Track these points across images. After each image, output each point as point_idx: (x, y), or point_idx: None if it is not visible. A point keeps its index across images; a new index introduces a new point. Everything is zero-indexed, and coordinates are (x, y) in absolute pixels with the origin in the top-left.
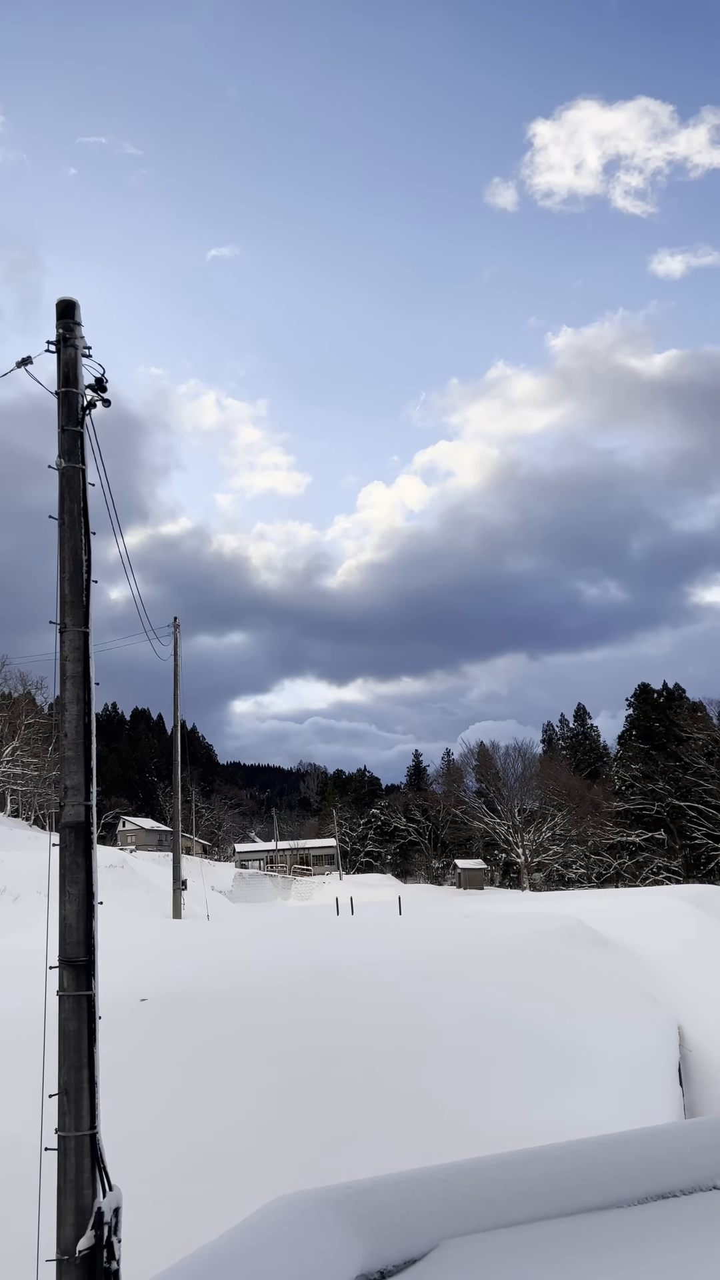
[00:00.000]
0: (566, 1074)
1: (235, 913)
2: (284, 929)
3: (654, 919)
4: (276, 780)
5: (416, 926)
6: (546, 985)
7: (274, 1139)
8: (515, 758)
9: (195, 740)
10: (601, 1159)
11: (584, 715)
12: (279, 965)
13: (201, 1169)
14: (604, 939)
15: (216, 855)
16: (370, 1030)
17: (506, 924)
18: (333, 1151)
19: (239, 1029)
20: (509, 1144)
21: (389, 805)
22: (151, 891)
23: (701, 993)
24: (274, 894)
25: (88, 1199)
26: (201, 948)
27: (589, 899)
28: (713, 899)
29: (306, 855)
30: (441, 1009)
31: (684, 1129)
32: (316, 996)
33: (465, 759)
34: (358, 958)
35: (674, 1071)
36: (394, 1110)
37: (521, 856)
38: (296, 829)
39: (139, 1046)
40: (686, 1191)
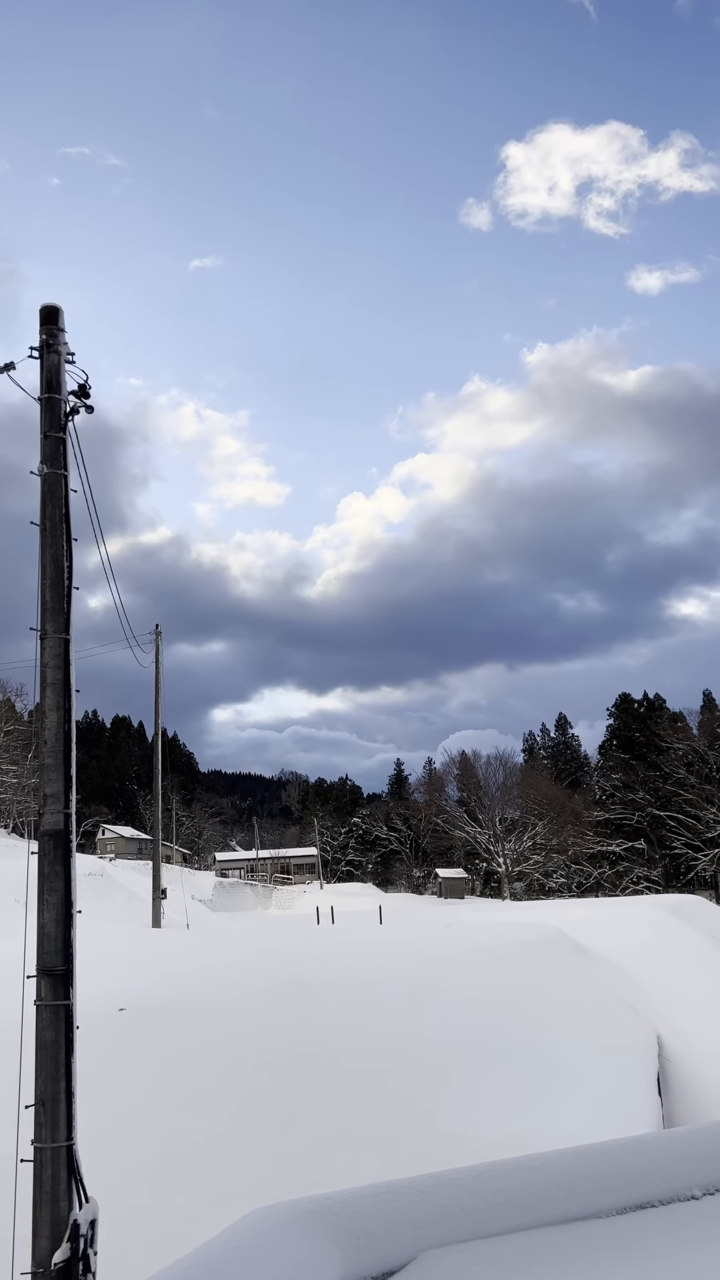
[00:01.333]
0: (546, 1083)
1: (215, 922)
2: (264, 938)
3: (634, 929)
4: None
5: (397, 936)
6: (527, 995)
7: (253, 1150)
8: (496, 767)
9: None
10: (581, 1169)
11: (565, 725)
12: (259, 975)
13: (180, 1180)
14: (584, 949)
15: (197, 864)
16: (350, 1040)
17: (487, 933)
18: (312, 1162)
19: (218, 1039)
20: (489, 1154)
21: (370, 814)
22: (131, 900)
23: (680, 1002)
24: (254, 903)
25: (64, 1211)
26: (181, 957)
27: (569, 908)
28: (692, 909)
29: (287, 864)
30: (422, 1019)
31: (663, 1139)
32: (296, 1006)
33: (447, 768)
34: (338, 967)
35: (653, 1081)
36: (374, 1120)
37: (502, 866)
38: (277, 837)
39: (117, 1057)
40: (665, 1202)
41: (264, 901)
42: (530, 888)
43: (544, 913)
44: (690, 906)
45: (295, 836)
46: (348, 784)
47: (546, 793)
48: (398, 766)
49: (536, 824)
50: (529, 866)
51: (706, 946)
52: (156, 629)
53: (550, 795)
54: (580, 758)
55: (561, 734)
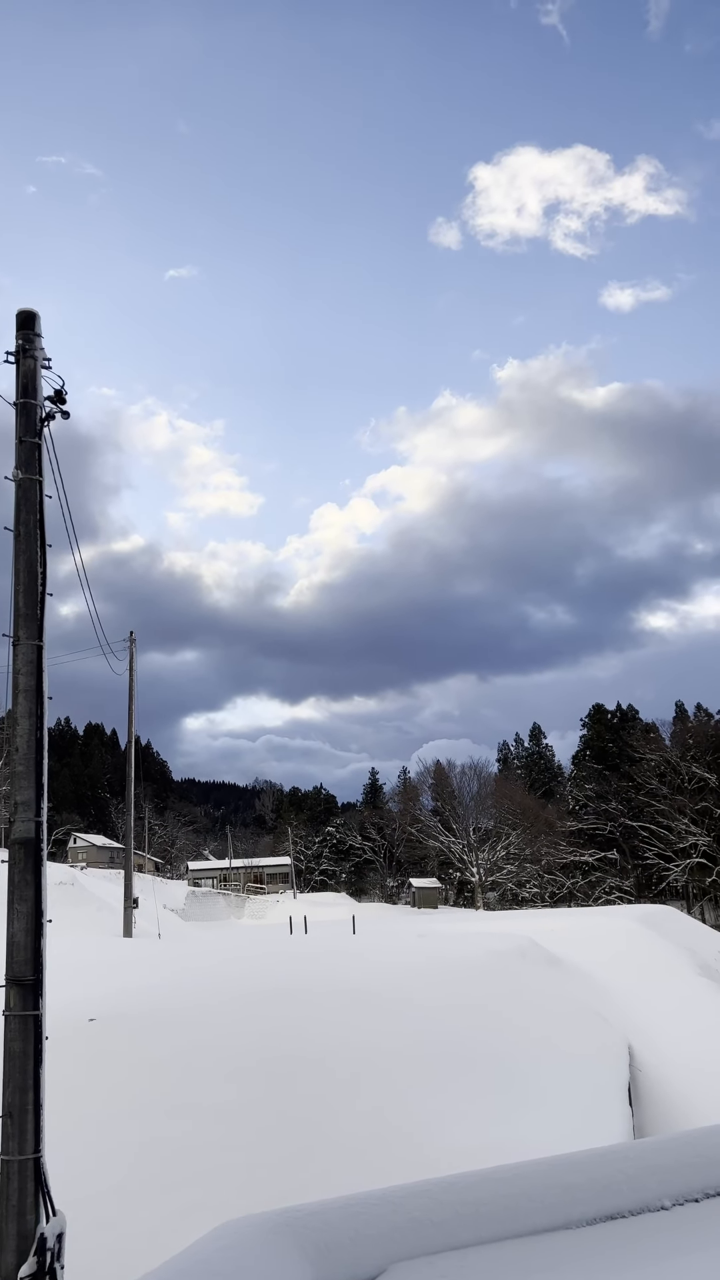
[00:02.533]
0: (518, 1094)
1: (187, 931)
2: (236, 948)
3: (606, 939)
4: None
5: (370, 946)
6: (499, 1005)
7: (223, 1161)
8: (471, 776)
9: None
10: (551, 1180)
11: (539, 735)
12: (230, 985)
13: (149, 1193)
14: (556, 959)
15: (169, 873)
16: (322, 1051)
17: (460, 944)
18: (283, 1174)
19: (189, 1049)
20: (461, 1165)
21: (345, 823)
22: (102, 909)
23: (651, 1012)
24: (227, 912)
25: (30, 1224)
26: (152, 966)
27: (542, 918)
28: (663, 919)
29: (261, 873)
30: (394, 1029)
31: (633, 1149)
32: (268, 1017)
33: (421, 777)
34: (310, 977)
35: (624, 1091)
36: (345, 1132)
37: (476, 875)
38: (251, 847)
39: (86, 1067)
40: (635, 1212)
41: (237, 911)
42: (503, 898)
43: (517, 923)
44: (662, 917)
45: (269, 846)
46: (322, 793)
47: (520, 802)
48: (372, 776)
49: (510, 834)
50: (502, 876)
51: (678, 957)
52: (131, 636)
53: (524, 805)
54: (554, 768)
55: (535, 744)
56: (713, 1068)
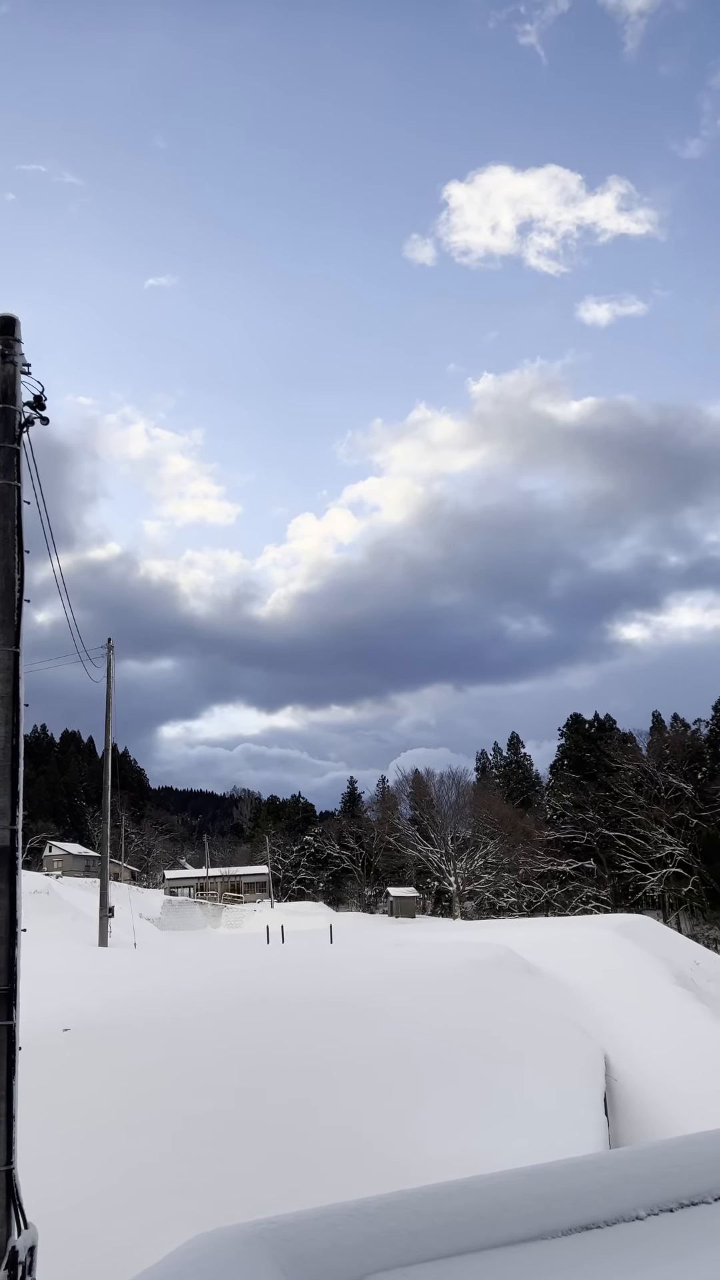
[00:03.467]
0: (495, 1104)
1: (163, 941)
2: (213, 957)
3: (583, 948)
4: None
5: (347, 955)
6: (476, 1015)
7: (197, 1173)
8: (449, 785)
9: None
10: (527, 1190)
11: (517, 744)
12: (206, 995)
13: (121, 1205)
14: (534, 968)
15: (145, 882)
16: (298, 1061)
17: (437, 953)
18: (258, 1185)
19: (164, 1060)
20: (437, 1175)
21: (323, 832)
22: (77, 918)
23: (627, 1022)
24: (204, 921)
25: (1, 1237)
26: (127, 976)
27: (519, 928)
28: (640, 929)
29: (238, 882)
30: (371, 1039)
31: (609, 1159)
32: (244, 1027)
33: (400, 786)
34: (287, 987)
35: (600, 1101)
36: (320, 1142)
37: (454, 885)
38: (229, 855)
39: (60, 1078)
40: (610, 1222)
41: (213, 920)
42: (481, 907)
43: (495, 932)
44: (638, 926)
45: (246, 854)
46: (300, 802)
47: (498, 812)
48: (351, 784)
49: (488, 843)
50: (480, 885)
51: (654, 966)
52: (109, 643)
53: (502, 814)
54: (532, 777)
55: (514, 753)
56: (688, 1077)
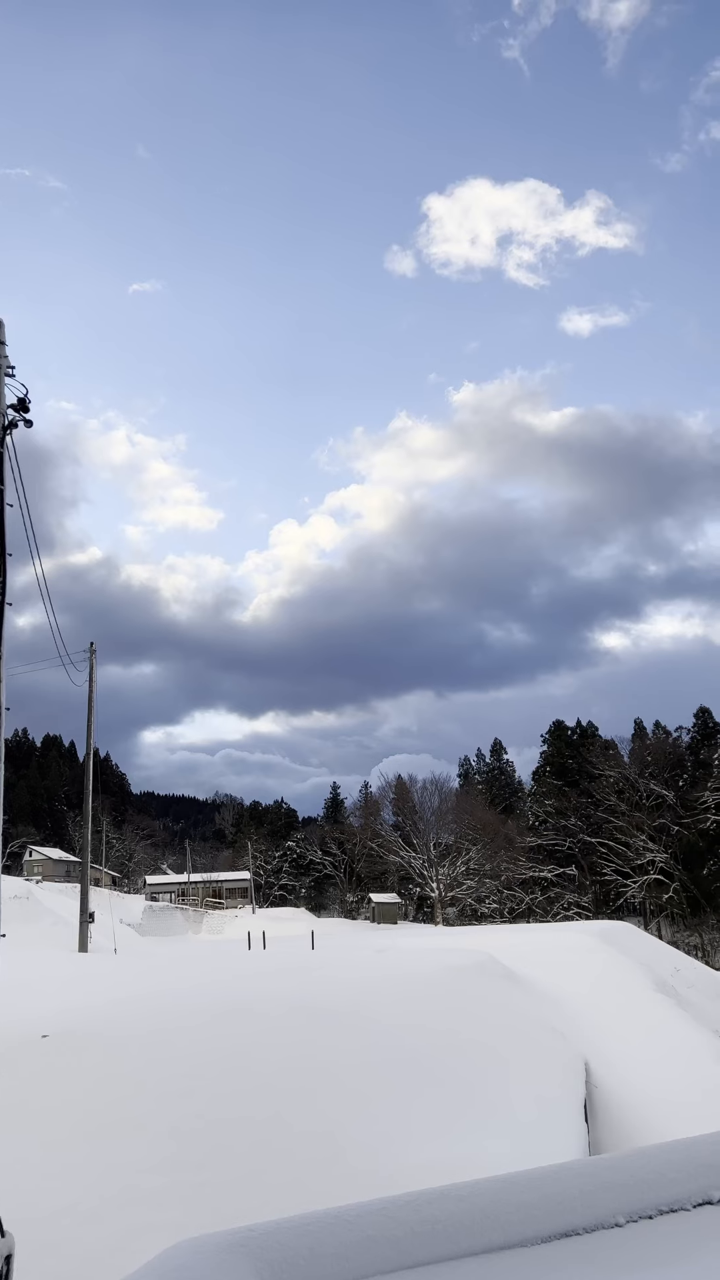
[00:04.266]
0: (475, 1110)
1: (144, 946)
2: (193, 963)
3: (564, 955)
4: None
5: (329, 961)
6: (457, 1021)
7: (175, 1181)
8: (432, 791)
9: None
10: (507, 1197)
11: (500, 750)
12: (186, 1001)
13: (98, 1213)
14: (515, 975)
15: (126, 887)
16: (277, 1068)
17: (419, 959)
18: (236, 1193)
19: (142, 1066)
20: (416, 1183)
21: (305, 838)
22: (57, 924)
23: (608, 1029)
24: (185, 927)
25: None
26: (107, 982)
27: (501, 934)
28: (621, 935)
29: (219, 888)
30: (351, 1046)
31: (588, 1166)
32: (223, 1033)
33: (383, 792)
34: (267, 993)
35: (580, 1108)
36: (299, 1149)
37: (436, 891)
38: (210, 861)
39: (37, 1085)
40: (590, 1229)
41: (194, 926)
42: (463, 913)
43: (476, 938)
44: (619, 933)
45: (228, 860)
46: (283, 807)
47: (481, 818)
48: (334, 790)
49: (470, 849)
50: (462, 892)
51: (635, 973)
52: (91, 647)
53: (484, 820)
54: (514, 783)
55: (496, 759)
56: (668, 1085)
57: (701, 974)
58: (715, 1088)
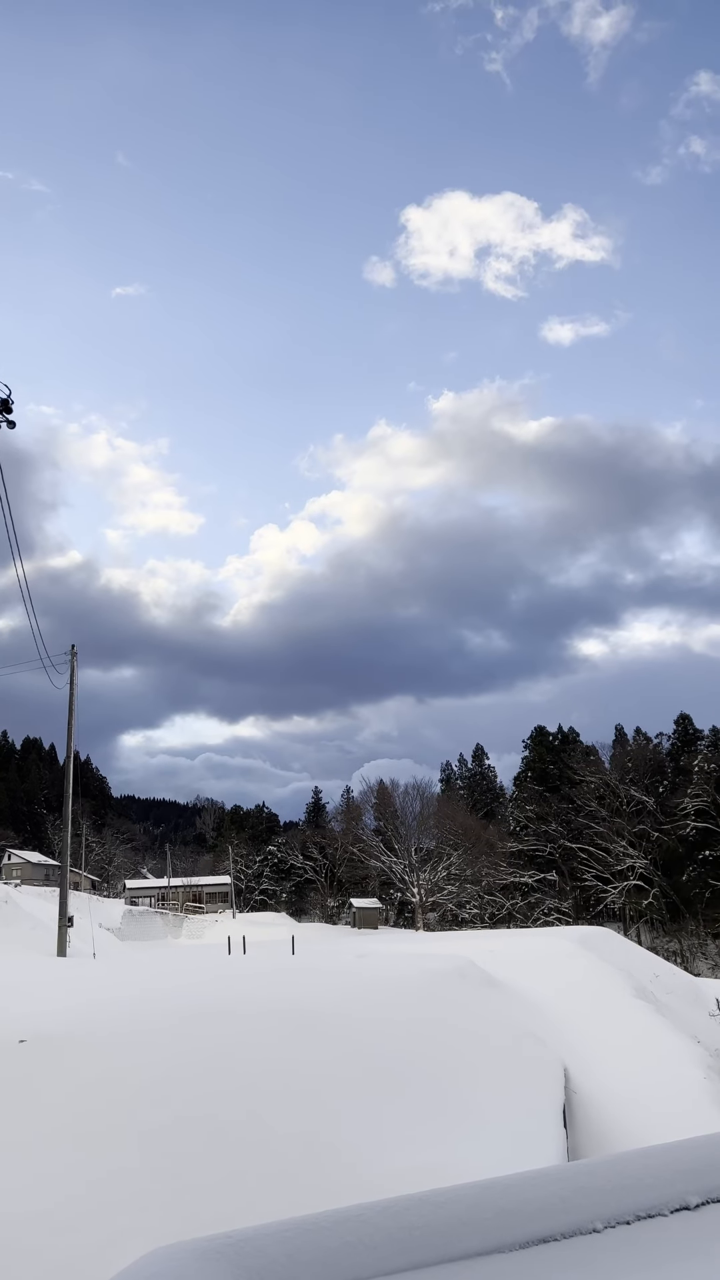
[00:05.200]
0: (454, 1116)
1: (123, 951)
2: (173, 968)
3: (544, 960)
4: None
5: (309, 966)
6: (436, 1026)
7: (154, 1186)
8: (414, 796)
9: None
10: (485, 1203)
11: (481, 755)
12: (164, 1005)
13: (74, 1220)
14: (494, 980)
15: (106, 891)
16: (256, 1073)
17: (399, 964)
18: (214, 1199)
19: (120, 1071)
20: (395, 1189)
21: (286, 842)
22: (36, 928)
23: (586, 1034)
24: (164, 932)
25: None
26: (86, 986)
27: (482, 939)
28: (600, 941)
29: (199, 892)
30: (330, 1051)
31: (566, 1172)
32: (202, 1038)
33: (365, 796)
34: (247, 998)
35: (559, 1114)
36: (278, 1155)
37: (417, 896)
38: (191, 865)
39: (13, 1089)
40: (567, 1235)
41: (174, 931)
42: (444, 918)
43: (457, 944)
44: (599, 938)
45: (209, 864)
46: (264, 812)
47: (462, 823)
48: (315, 794)
49: (451, 854)
50: (443, 897)
51: (614, 979)
52: (72, 650)
53: (466, 825)
54: (496, 789)
55: (478, 764)
56: (647, 1091)
57: (680, 980)
58: (693, 1093)
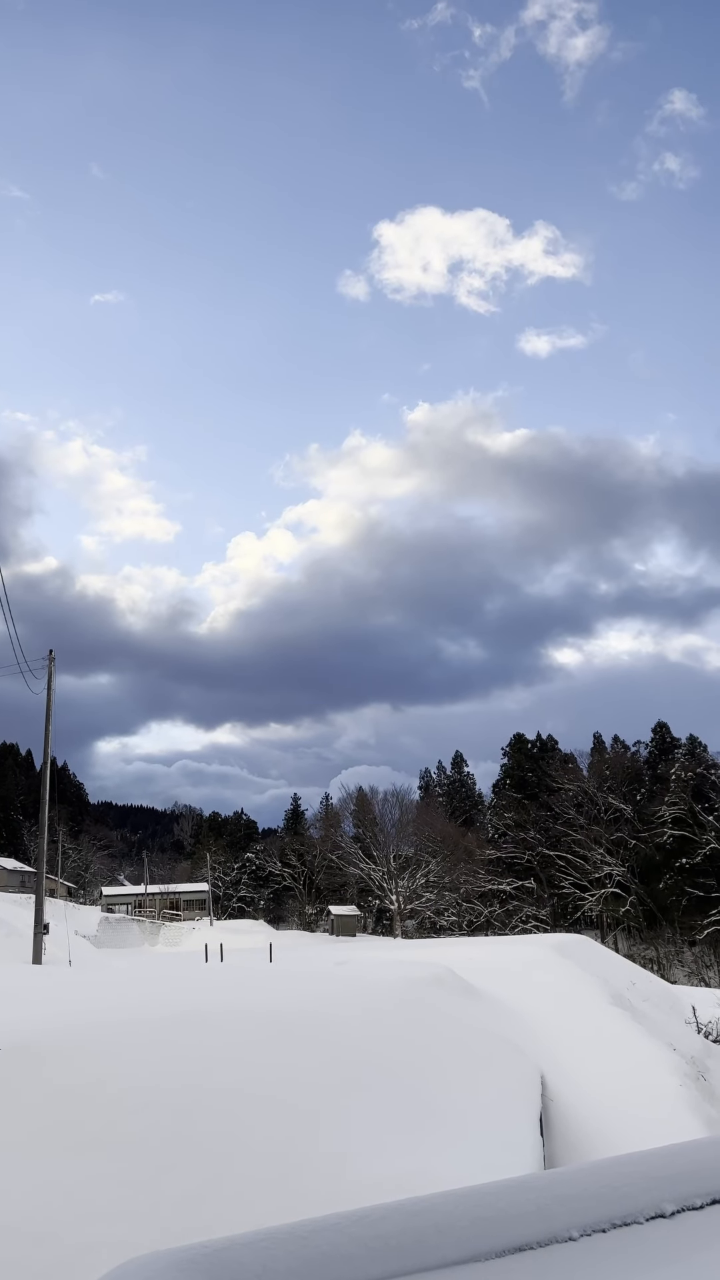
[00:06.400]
0: (430, 1123)
1: (99, 958)
2: (149, 976)
3: (521, 967)
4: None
5: (287, 973)
6: (414, 1034)
7: (128, 1196)
8: (393, 803)
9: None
10: (462, 1212)
11: (461, 762)
12: (140, 1014)
13: (49, 1230)
14: (472, 987)
15: (82, 898)
16: (232, 1081)
17: (377, 972)
18: (188, 1209)
19: (95, 1080)
20: (372, 1197)
21: (265, 849)
22: (11, 935)
23: (564, 1042)
24: (141, 939)
25: None
26: (62, 994)
27: (459, 947)
28: (577, 948)
29: (177, 900)
30: (307, 1059)
31: (542, 1180)
32: (178, 1047)
33: (344, 803)
34: (223, 1006)
35: (536, 1121)
36: (253, 1164)
37: (395, 903)
38: (168, 872)
39: None
40: (544, 1243)
41: (151, 938)
42: (422, 926)
43: (435, 951)
44: (576, 946)
45: (187, 871)
46: (242, 818)
47: (441, 830)
48: (294, 801)
49: (430, 861)
50: (421, 904)
51: (591, 986)
52: (50, 655)
53: (444, 833)
54: (475, 796)
55: (458, 771)
56: (623, 1098)
57: (656, 987)
58: (669, 1100)
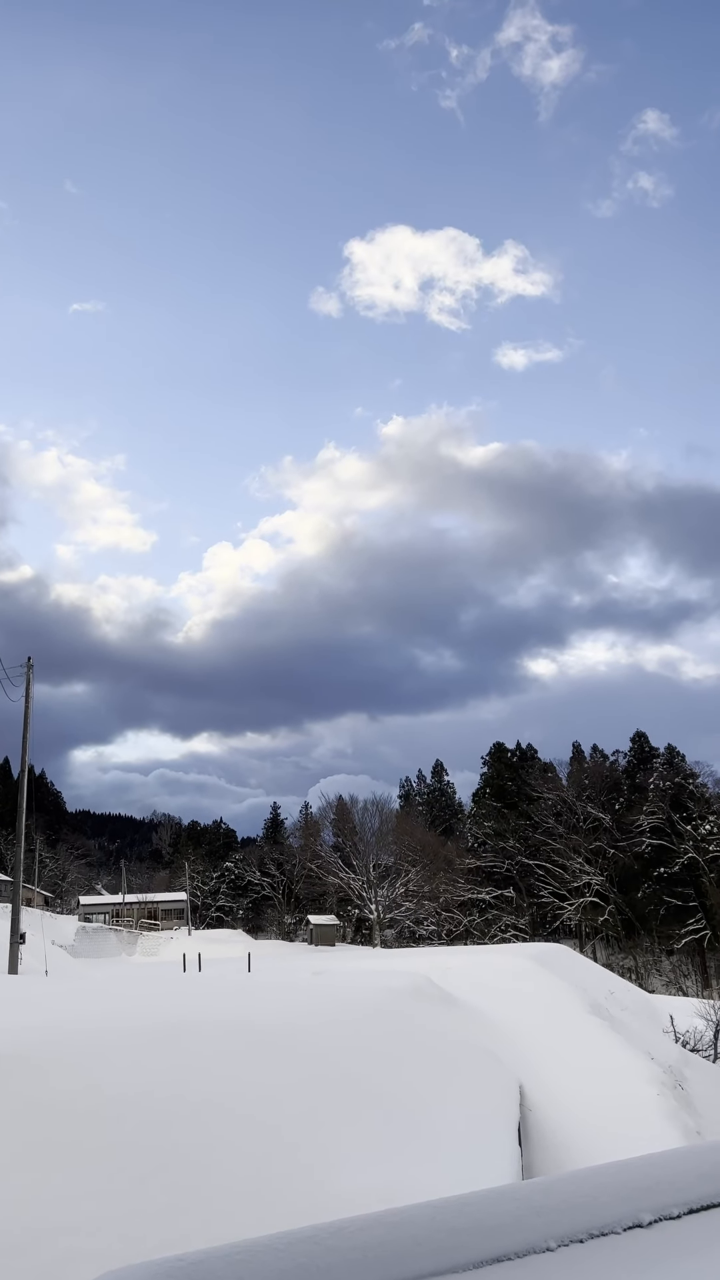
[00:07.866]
0: (409, 1135)
1: (77, 968)
2: (127, 986)
3: (500, 977)
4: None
5: (264, 984)
6: (392, 1044)
7: (102, 1209)
8: (373, 812)
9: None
10: (438, 1223)
11: (441, 771)
12: (116, 1025)
13: (22, 1244)
14: (451, 997)
15: (59, 908)
16: (210, 1093)
17: (356, 981)
18: (165, 1221)
19: (70, 1093)
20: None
21: (244, 858)
22: None
23: (542, 1051)
24: (119, 949)
25: None
26: (38, 1005)
27: (439, 956)
28: (556, 957)
29: (155, 909)
30: (284, 1070)
31: (520, 1191)
32: (155, 1058)
33: (323, 812)
34: (201, 1017)
35: (514, 1131)
36: (230, 1176)
37: (374, 912)
38: (146, 881)
39: None
40: (521, 1254)
41: (129, 948)
42: (401, 935)
43: (414, 960)
44: (555, 955)
45: (165, 880)
46: (222, 827)
47: (420, 839)
48: (274, 810)
49: (409, 870)
50: (400, 913)
51: (570, 995)
52: (28, 662)
53: (424, 842)
54: (454, 805)
55: (438, 780)
56: (601, 1108)
57: (635, 996)
58: (647, 1110)
